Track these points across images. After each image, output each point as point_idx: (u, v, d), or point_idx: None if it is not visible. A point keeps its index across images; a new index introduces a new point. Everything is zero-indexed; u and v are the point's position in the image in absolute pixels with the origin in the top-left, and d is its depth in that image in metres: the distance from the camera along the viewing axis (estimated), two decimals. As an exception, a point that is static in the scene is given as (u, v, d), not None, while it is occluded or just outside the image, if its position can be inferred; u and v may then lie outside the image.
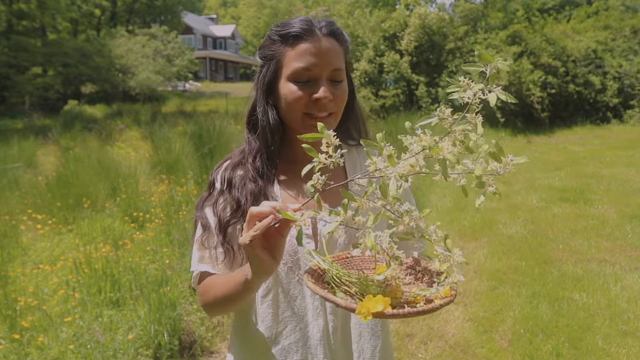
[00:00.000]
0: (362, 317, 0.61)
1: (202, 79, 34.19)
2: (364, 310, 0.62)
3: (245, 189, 0.94)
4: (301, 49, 0.90)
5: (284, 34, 0.92)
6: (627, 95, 14.69)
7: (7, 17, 19.35)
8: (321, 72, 0.90)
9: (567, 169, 8.12)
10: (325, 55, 0.90)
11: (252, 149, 0.98)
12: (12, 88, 17.23)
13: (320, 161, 0.69)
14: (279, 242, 0.73)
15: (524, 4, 25.23)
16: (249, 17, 52.27)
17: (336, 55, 0.92)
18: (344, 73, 0.94)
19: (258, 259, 0.72)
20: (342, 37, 0.95)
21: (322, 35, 0.91)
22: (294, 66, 0.90)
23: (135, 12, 29.92)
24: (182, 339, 2.71)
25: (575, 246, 4.41)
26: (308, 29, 0.90)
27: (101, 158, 6.61)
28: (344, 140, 1.03)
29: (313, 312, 0.93)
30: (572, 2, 31.20)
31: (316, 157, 0.68)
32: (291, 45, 0.91)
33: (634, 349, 2.73)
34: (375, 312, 0.61)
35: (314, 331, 0.93)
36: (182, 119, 12.92)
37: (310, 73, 0.90)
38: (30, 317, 2.83)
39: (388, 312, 0.62)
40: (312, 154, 0.68)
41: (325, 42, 0.91)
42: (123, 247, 3.98)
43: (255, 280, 0.78)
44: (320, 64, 0.90)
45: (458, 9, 16.14)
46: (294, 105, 0.91)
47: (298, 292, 0.94)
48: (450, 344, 2.83)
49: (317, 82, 0.91)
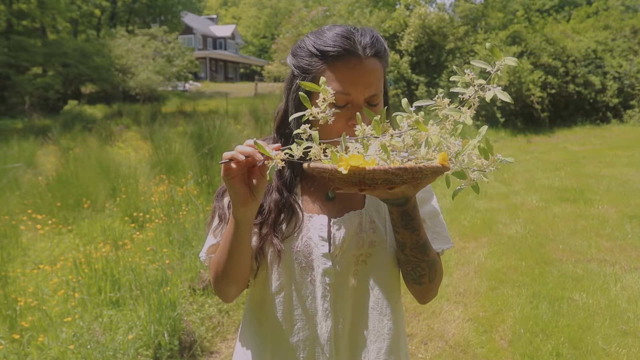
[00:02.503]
0: (343, 168, 0.61)
1: (202, 79, 34.19)
2: (344, 162, 0.62)
3: (270, 197, 0.95)
4: (341, 72, 0.85)
5: (323, 51, 0.86)
6: (627, 95, 14.69)
7: (7, 17, 19.36)
8: (360, 97, 0.85)
9: (567, 169, 8.12)
10: (366, 80, 0.85)
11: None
12: (12, 88, 17.22)
13: (311, 112, 0.71)
14: (260, 181, 0.81)
15: (524, 4, 25.23)
16: (249, 17, 52.28)
17: (377, 78, 0.87)
18: (382, 92, 0.90)
19: (233, 190, 0.80)
20: (385, 55, 0.90)
21: (364, 56, 0.85)
22: (332, 85, 0.85)
23: (135, 12, 29.93)
24: (182, 339, 2.70)
25: (575, 246, 4.41)
26: (350, 49, 0.84)
27: (101, 158, 6.61)
28: None
29: (322, 313, 0.94)
30: (572, 2, 31.20)
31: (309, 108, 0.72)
32: (331, 64, 0.85)
33: (634, 349, 2.73)
34: (355, 166, 0.61)
35: (322, 331, 0.94)
36: (182, 119, 12.92)
37: (349, 97, 0.85)
38: (30, 317, 2.82)
39: (369, 168, 0.61)
40: (306, 104, 0.72)
41: (367, 64, 0.85)
42: (123, 247, 3.98)
43: (236, 213, 0.83)
44: (360, 89, 0.85)
45: (458, 9, 16.15)
46: (329, 129, 0.85)
47: (309, 292, 0.94)
48: (450, 344, 2.83)
49: (354, 107, 0.85)
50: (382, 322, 0.96)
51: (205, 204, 4.73)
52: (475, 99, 0.66)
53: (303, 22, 17.86)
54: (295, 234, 0.94)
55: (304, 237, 0.93)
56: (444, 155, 0.64)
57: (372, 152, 0.67)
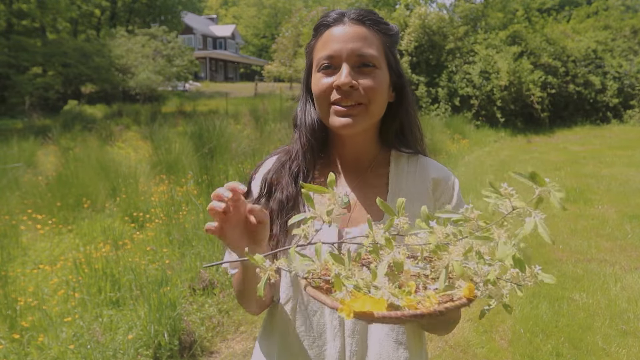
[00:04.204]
0: (345, 316, 0.52)
1: (202, 79, 34.19)
2: (345, 308, 0.52)
3: (282, 195, 0.90)
4: (326, 37, 0.87)
5: (316, 27, 0.90)
6: (627, 95, 14.69)
7: (7, 17, 19.35)
8: (341, 55, 0.84)
9: (567, 169, 8.12)
10: (347, 40, 0.84)
11: (292, 151, 0.95)
12: (12, 88, 17.21)
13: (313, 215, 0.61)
14: (257, 228, 0.74)
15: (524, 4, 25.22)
16: (249, 17, 52.27)
17: (362, 40, 0.84)
18: (378, 61, 0.85)
19: (225, 242, 0.73)
20: (374, 24, 0.87)
21: (348, 20, 0.86)
22: (318, 55, 0.87)
23: (135, 12, 29.92)
24: (182, 339, 2.70)
25: (575, 246, 4.41)
26: (337, 17, 0.87)
27: (101, 158, 6.61)
28: (394, 146, 0.96)
29: (331, 332, 0.87)
30: (572, 2, 31.19)
31: (312, 208, 0.62)
32: (320, 37, 0.88)
33: (634, 349, 2.73)
34: (360, 312, 0.52)
35: (331, 352, 0.87)
36: (182, 119, 12.91)
37: (332, 59, 0.84)
38: (30, 317, 2.82)
39: (378, 314, 0.52)
40: (309, 203, 0.62)
41: (350, 27, 0.85)
42: (123, 247, 3.98)
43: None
44: (342, 48, 0.84)
45: (458, 9, 16.14)
46: (320, 96, 0.86)
47: (317, 307, 0.88)
48: (450, 344, 2.83)
49: (339, 69, 0.84)
50: (397, 351, 0.87)
51: (205, 204, 4.73)
52: (509, 217, 0.55)
53: (303, 22, 17.88)
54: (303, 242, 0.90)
55: (312, 247, 0.89)
56: (471, 287, 0.55)
57: (382, 282, 0.55)
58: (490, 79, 13.71)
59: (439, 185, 0.94)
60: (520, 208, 0.53)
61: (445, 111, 13.85)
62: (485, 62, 13.95)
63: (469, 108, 13.90)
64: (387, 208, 0.61)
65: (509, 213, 0.54)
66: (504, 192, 0.55)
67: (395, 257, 0.58)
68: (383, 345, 0.86)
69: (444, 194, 0.94)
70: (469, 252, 0.55)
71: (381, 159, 0.96)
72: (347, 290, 0.56)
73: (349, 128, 0.84)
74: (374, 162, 0.95)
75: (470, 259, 0.56)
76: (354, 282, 0.57)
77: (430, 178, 0.94)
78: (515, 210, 0.54)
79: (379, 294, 0.54)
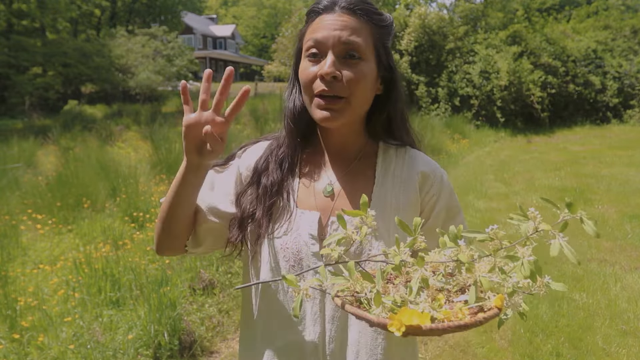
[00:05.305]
0: (396, 330, 0.54)
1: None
2: (396, 323, 0.54)
3: (267, 181, 0.91)
4: (315, 23, 0.87)
5: (308, 12, 0.90)
6: (627, 95, 14.70)
7: (7, 17, 19.35)
8: (327, 43, 0.83)
9: (567, 169, 8.12)
10: (335, 28, 0.83)
11: (280, 137, 0.95)
12: (12, 88, 17.21)
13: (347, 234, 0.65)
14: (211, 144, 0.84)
15: (524, 4, 25.23)
16: (249, 17, 52.29)
17: (350, 29, 0.84)
18: (365, 52, 0.84)
19: (189, 134, 0.86)
20: (366, 13, 0.86)
21: (339, 9, 0.85)
22: (307, 41, 0.87)
23: (135, 12, 29.93)
24: (182, 339, 2.70)
25: (575, 246, 4.40)
26: (328, 5, 0.86)
27: (101, 158, 6.62)
28: (383, 138, 0.96)
29: (311, 317, 0.87)
30: (572, 2, 31.20)
31: (344, 229, 0.66)
32: (311, 22, 0.89)
33: (634, 349, 2.73)
34: (410, 326, 0.54)
35: (310, 337, 0.87)
36: (182, 119, 12.88)
37: (319, 47, 0.84)
38: (30, 317, 2.82)
39: (426, 327, 0.54)
40: (340, 222, 0.66)
41: (340, 16, 0.85)
42: (123, 247, 3.98)
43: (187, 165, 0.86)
44: (329, 36, 0.83)
45: (458, 8, 16.15)
46: (305, 86, 0.86)
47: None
48: (450, 344, 2.83)
49: (325, 57, 0.84)
50: (376, 340, 0.87)
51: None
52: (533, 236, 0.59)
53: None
54: (284, 229, 0.88)
55: (294, 234, 0.87)
56: (501, 297, 0.58)
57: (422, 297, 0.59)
58: (490, 79, 13.72)
59: (427, 179, 0.93)
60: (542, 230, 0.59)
61: (445, 111, 13.86)
62: (485, 62, 13.95)
63: (469, 108, 13.91)
64: (405, 227, 0.64)
65: (532, 233, 0.59)
66: (530, 216, 0.60)
67: (424, 274, 0.61)
68: (362, 333, 0.87)
69: (432, 188, 0.93)
70: (493, 270, 0.60)
71: (369, 149, 0.96)
72: (385, 306, 0.58)
73: (329, 121, 0.85)
74: (361, 152, 0.95)
75: (494, 274, 0.60)
76: (391, 298, 0.59)
77: (418, 171, 0.93)
78: (539, 231, 0.59)
79: (420, 308, 0.57)
